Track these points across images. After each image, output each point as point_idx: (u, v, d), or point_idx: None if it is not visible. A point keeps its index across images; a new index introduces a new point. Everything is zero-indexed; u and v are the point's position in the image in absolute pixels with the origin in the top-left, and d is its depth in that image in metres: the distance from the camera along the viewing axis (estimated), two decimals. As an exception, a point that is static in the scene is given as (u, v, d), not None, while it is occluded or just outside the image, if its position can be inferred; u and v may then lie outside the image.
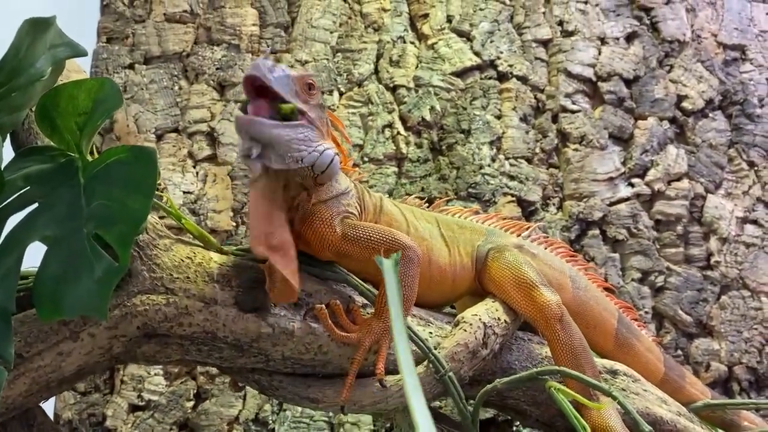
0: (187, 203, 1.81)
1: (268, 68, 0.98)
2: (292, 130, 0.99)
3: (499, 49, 1.95)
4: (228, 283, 1.03)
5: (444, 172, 1.85)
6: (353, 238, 1.05)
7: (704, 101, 1.97)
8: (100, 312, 0.80)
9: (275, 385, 1.06)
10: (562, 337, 1.12)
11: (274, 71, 0.98)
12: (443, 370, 1.05)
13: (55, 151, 0.96)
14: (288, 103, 0.98)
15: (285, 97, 0.98)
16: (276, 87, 0.98)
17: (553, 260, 1.28)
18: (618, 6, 2.01)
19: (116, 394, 1.71)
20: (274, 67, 0.99)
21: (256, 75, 0.97)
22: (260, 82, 0.97)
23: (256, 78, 0.97)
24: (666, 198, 1.88)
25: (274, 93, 0.98)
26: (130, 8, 1.95)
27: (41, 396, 0.95)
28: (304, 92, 1.01)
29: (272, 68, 0.98)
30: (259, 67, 0.97)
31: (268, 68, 0.98)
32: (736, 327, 1.83)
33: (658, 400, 1.22)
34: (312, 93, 1.02)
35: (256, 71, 0.97)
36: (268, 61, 0.99)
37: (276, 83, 0.98)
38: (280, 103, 0.98)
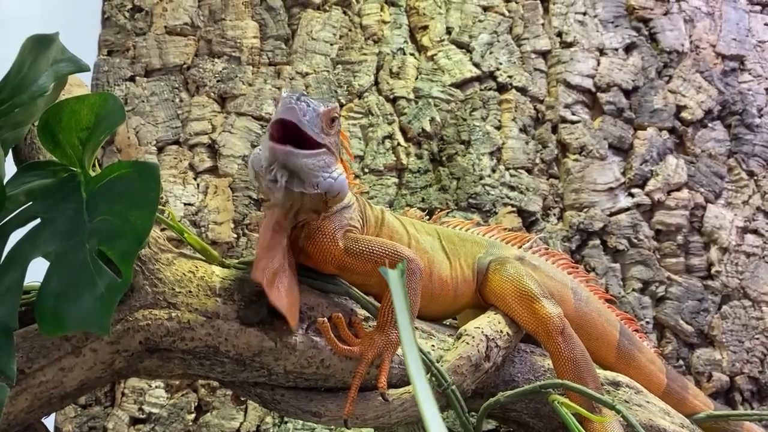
0: (188, 215, 1.81)
1: (302, 111, 0.97)
2: (316, 159, 1.00)
3: (499, 60, 1.95)
4: (230, 297, 1.02)
5: (444, 182, 1.85)
6: (355, 252, 1.05)
7: (703, 111, 1.98)
8: (102, 328, 0.80)
9: (277, 399, 1.06)
10: (564, 349, 1.11)
11: (306, 113, 0.98)
12: (446, 384, 1.05)
13: (58, 166, 0.96)
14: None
15: (313, 138, 0.99)
16: (308, 131, 0.98)
17: (554, 272, 1.28)
18: (616, 17, 2.02)
19: (117, 407, 1.70)
20: (306, 108, 0.98)
21: (291, 120, 0.97)
22: (293, 125, 0.97)
23: (289, 122, 0.97)
24: (666, 208, 1.89)
25: (303, 134, 0.98)
26: (131, 21, 1.96)
27: (43, 412, 0.95)
28: (328, 126, 1.02)
29: (305, 110, 0.98)
30: (294, 111, 0.97)
31: (302, 111, 0.97)
32: (737, 337, 1.82)
33: (661, 411, 1.22)
34: (333, 125, 1.03)
35: (291, 116, 0.97)
36: (301, 103, 0.98)
37: (309, 127, 0.98)
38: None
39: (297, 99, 0.98)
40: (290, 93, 0.99)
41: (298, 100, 0.98)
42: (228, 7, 1.95)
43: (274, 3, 1.97)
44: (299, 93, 1.00)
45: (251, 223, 1.82)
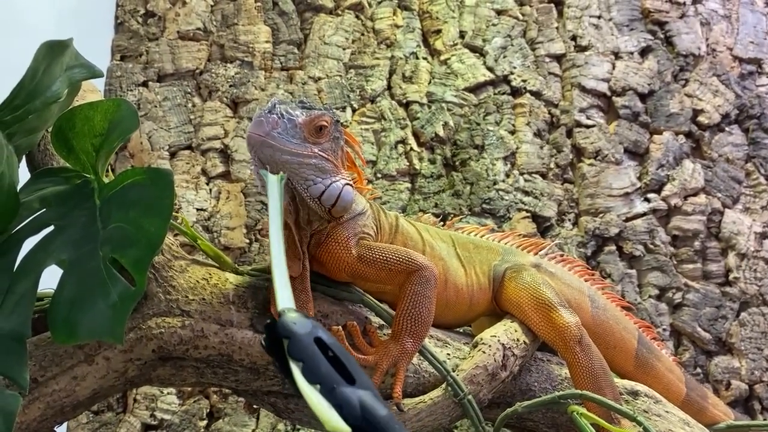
0: (201, 220, 1.81)
1: (272, 123, 0.95)
2: (302, 159, 0.98)
3: (513, 64, 1.94)
4: (244, 304, 1.02)
5: (458, 188, 1.83)
6: (369, 260, 1.04)
7: (720, 115, 1.95)
8: (115, 337, 0.79)
9: (291, 408, 1.05)
10: (581, 359, 1.10)
11: (279, 125, 0.95)
12: (462, 393, 1.03)
13: (71, 172, 0.96)
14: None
15: (291, 149, 0.96)
16: (279, 143, 0.95)
17: (571, 279, 1.27)
18: (631, 20, 2.00)
19: (129, 413, 1.69)
20: (278, 120, 0.95)
21: (258, 134, 0.95)
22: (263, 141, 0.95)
23: (257, 137, 0.95)
24: (683, 213, 1.86)
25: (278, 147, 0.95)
26: (144, 26, 1.96)
27: (55, 421, 0.94)
28: (313, 134, 0.99)
29: (276, 122, 0.95)
30: (262, 125, 0.95)
31: (271, 124, 0.95)
32: (756, 344, 1.80)
33: (681, 422, 1.20)
34: (322, 133, 1.00)
35: (258, 130, 0.95)
36: (272, 115, 0.95)
37: (282, 138, 0.95)
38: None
39: (269, 111, 0.96)
40: (267, 105, 0.97)
41: (269, 112, 0.95)
42: (240, 12, 1.95)
43: (287, 7, 1.96)
44: (276, 103, 0.97)
45: (263, 229, 1.81)
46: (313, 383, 0.59)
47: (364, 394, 0.59)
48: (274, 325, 0.63)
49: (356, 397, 0.58)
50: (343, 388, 0.59)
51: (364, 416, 0.58)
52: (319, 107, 1.02)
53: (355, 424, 0.57)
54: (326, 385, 0.59)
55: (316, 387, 0.59)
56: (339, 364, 0.61)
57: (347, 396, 0.58)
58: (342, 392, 0.59)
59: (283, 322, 0.63)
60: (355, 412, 0.58)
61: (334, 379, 0.59)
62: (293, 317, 0.63)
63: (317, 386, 0.59)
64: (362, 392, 0.59)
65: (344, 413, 0.57)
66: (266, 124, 0.95)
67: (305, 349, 0.61)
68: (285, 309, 0.64)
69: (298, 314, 0.64)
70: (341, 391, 0.59)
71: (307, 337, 0.62)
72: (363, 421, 0.58)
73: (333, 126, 1.02)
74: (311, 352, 0.61)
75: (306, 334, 0.62)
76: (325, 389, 0.59)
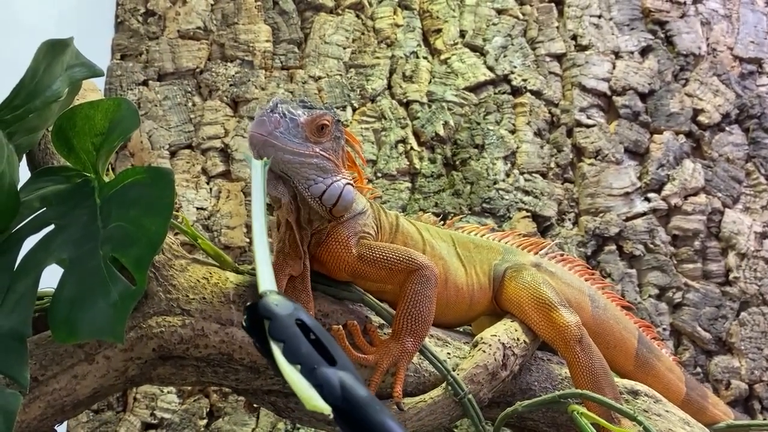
0: (201, 219, 1.81)
1: (275, 123, 0.95)
2: (303, 158, 0.98)
3: (513, 63, 1.94)
4: (244, 303, 1.01)
5: (458, 187, 1.83)
6: (369, 259, 1.04)
7: (721, 115, 1.95)
8: (116, 336, 0.79)
9: (291, 407, 1.05)
10: (582, 359, 1.10)
11: (281, 124, 0.95)
12: (462, 392, 1.03)
13: (72, 171, 0.96)
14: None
15: (292, 147, 0.97)
16: (281, 143, 0.96)
17: (571, 279, 1.27)
18: (632, 20, 2.00)
19: (129, 412, 1.70)
20: (281, 119, 0.95)
21: (261, 134, 0.95)
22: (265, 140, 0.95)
23: (260, 136, 0.95)
24: (683, 213, 1.86)
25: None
26: (144, 25, 1.96)
27: (56, 419, 0.94)
28: (315, 134, 0.99)
29: (278, 121, 0.95)
30: (265, 124, 0.95)
31: (274, 123, 0.95)
32: (756, 344, 1.80)
33: (681, 421, 1.20)
34: (324, 132, 1.01)
35: (261, 129, 0.95)
36: (275, 114, 0.95)
37: (284, 137, 0.95)
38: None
39: (271, 110, 0.96)
40: (269, 105, 0.97)
41: (271, 112, 0.95)
42: (241, 11, 1.95)
43: (287, 7, 1.96)
44: (277, 102, 0.97)
45: (264, 228, 1.81)
46: (293, 363, 0.59)
47: (344, 375, 0.59)
48: (256, 306, 0.63)
49: (337, 378, 0.58)
50: (324, 369, 0.59)
51: (345, 396, 0.58)
52: (320, 106, 1.02)
53: (336, 404, 0.57)
54: (307, 366, 0.59)
55: (296, 367, 0.59)
56: (320, 346, 0.61)
57: (328, 376, 0.58)
58: (322, 372, 0.58)
59: (264, 303, 0.63)
60: (336, 392, 0.58)
61: (314, 360, 0.59)
62: (275, 299, 0.63)
63: (298, 366, 0.59)
64: (343, 373, 0.59)
65: (324, 393, 0.57)
66: (268, 123, 0.95)
67: (286, 329, 0.61)
68: (267, 290, 0.64)
69: (280, 296, 0.64)
70: (322, 372, 0.59)
71: (288, 319, 0.62)
72: (343, 401, 0.57)
73: (334, 125, 1.02)
74: (292, 333, 0.61)
75: (287, 316, 0.62)
76: (305, 369, 0.59)
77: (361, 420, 0.57)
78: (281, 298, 0.64)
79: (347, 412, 0.57)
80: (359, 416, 0.57)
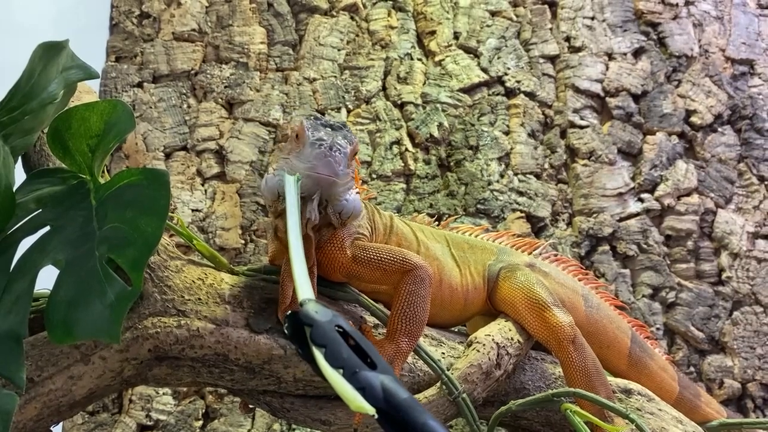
0: (196, 221, 1.81)
1: (338, 162, 0.95)
2: (344, 186, 0.99)
3: (507, 65, 1.95)
4: (239, 304, 1.02)
5: (452, 188, 1.84)
6: (364, 260, 1.04)
7: (713, 116, 1.97)
8: (112, 336, 0.79)
9: (287, 408, 1.05)
10: (575, 358, 1.10)
11: (341, 162, 0.95)
12: (456, 392, 1.04)
13: (67, 173, 0.96)
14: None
15: (345, 181, 0.98)
16: (341, 180, 0.97)
17: (565, 279, 1.27)
18: (625, 21, 2.01)
19: (125, 414, 1.70)
20: (340, 156, 0.95)
21: (330, 176, 0.95)
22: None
23: (329, 178, 0.95)
24: (676, 213, 1.87)
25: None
26: (139, 27, 1.96)
27: (52, 420, 0.95)
28: (351, 159, 1.00)
29: (339, 160, 0.95)
30: (332, 165, 0.94)
31: (338, 163, 0.95)
32: (749, 343, 1.81)
33: (674, 420, 1.21)
34: (354, 157, 1.02)
35: (329, 171, 0.94)
36: (336, 153, 0.95)
37: (342, 174, 0.96)
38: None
39: (330, 148, 0.95)
40: (325, 141, 0.95)
41: (332, 150, 0.94)
42: (235, 13, 1.96)
43: (282, 9, 1.97)
44: (330, 139, 0.96)
45: (259, 229, 1.81)
46: (336, 367, 0.60)
47: (385, 378, 0.60)
48: (297, 313, 0.65)
49: (378, 381, 0.60)
50: (365, 372, 0.60)
51: (386, 399, 0.59)
52: (340, 123, 1.02)
53: (378, 406, 0.58)
54: (349, 369, 0.60)
55: (339, 371, 0.60)
56: (360, 351, 0.62)
57: (369, 379, 0.60)
58: (364, 376, 0.60)
59: (305, 310, 0.65)
60: (378, 394, 0.59)
61: (356, 364, 0.61)
62: (314, 307, 0.65)
63: (340, 370, 0.60)
64: (384, 377, 0.60)
65: (367, 395, 0.59)
66: (334, 164, 0.95)
67: (327, 335, 0.63)
68: (306, 299, 0.66)
69: (319, 304, 0.66)
70: (363, 375, 0.60)
71: (329, 325, 0.63)
72: (385, 403, 0.59)
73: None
74: (333, 339, 0.62)
75: (327, 322, 0.64)
76: (347, 373, 0.60)
77: (403, 421, 0.58)
78: (320, 305, 0.66)
79: (390, 414, 0.59)
80: (401, 417, 0.59)
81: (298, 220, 0.80)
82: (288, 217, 0.79)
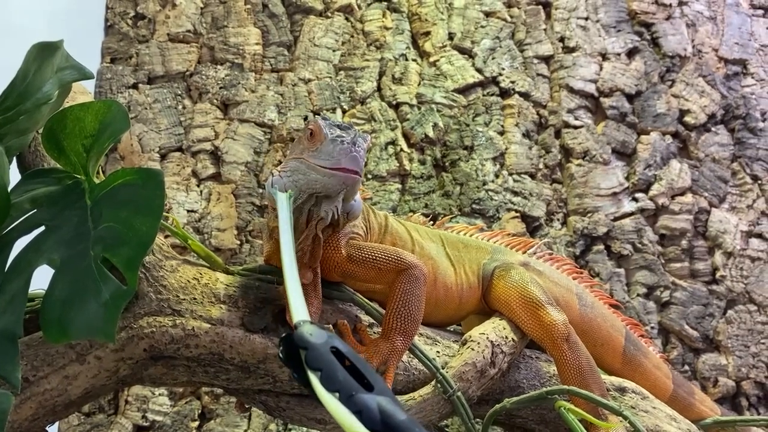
0: (192, 222, 1.81)
1: (362, 157, 0.95)
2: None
3: (501, 65, 1.96)
4: (234, 303, 1.02)
5: (447, 188, 1.85)
6: (358, 259, 1.05)
7: (706, 115, 1.98)
8: (107, 335, 0.80)
9: (282, 407, 1.05)
10: (569, 356, 1.11)
11: (363, 158, 0.95)
12: (451, 390, 1.04)
13: (62, 173, 0.96)
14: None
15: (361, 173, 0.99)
16: (361, 175, 0.97)
17: (559, 277, 1.28)
18: (619, 22, 2.02)
19: (121, 415, 1.70)
20: (362, 152, 0.95)
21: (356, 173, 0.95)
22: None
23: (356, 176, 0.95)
24: (670, 212, 1.88)
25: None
26: (134, 29, 1.96)
27: (47, 420, 0.95)
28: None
29: (363, 155, 0.95)
30: (357, 161, 0.94)
31: (362, 158, 0.95)
32: (743, 342, 1.82)
33: (668, 417, 1.21)
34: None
35: (356, 166, 0.94)
36: (359, 149, 0.94)
37: (362, 171, 0.97)
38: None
39: (353, 143, 0.94)
40: (347, 137, 0.95)
41: (355, 146, 0.94)
42: (230, 14, 1.96)
43: (277, 10, 1.97)
44: (349, 136, 0.95)
45: (254, 230, 1.81)
46: (332, 391, 0.60)
47: (382, 400, 0.60)
48: (291, 336, 0.64)
49: (375, 403, 0.59)
50: (362, 395, 0.60)
51: (384, 421, 0.58)
52: (346, 124, 1.02)
53: (375, 429, 0.58)
54: (345, 392, 0.60)
55: (335, 395, 0.60)
56: (356, 372, 0.62)
57: (366, 402, 0.59)
58: (361, 398, 0.59)
59: (299, 333, 0.64)
60: (375, 416, 0.58)
61: (352, 386, 0.60)
62: (309, 329, 0.65)
63: (336, 394, 0.60)
64: (381, 398, 0.60)
65: (364, 419, 0.58)
66: (359, 158, 0.95)
67: (322, 358, 0.62)
68: (300, 321, 0.66)
69: (314, 326, 0.65)
70: (360, 398, 0.59)
71: (324, 347, 0.63)
72: (383, 425, 0.58)
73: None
74: (328, 361, 0.62)
75: (322, 344, 0.63)
76: (344, 396, 0.60)
77: None
78: (315, 327, 0.65)
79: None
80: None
81: (291, 238, 0.79)
82: (281, 235, 0.78)
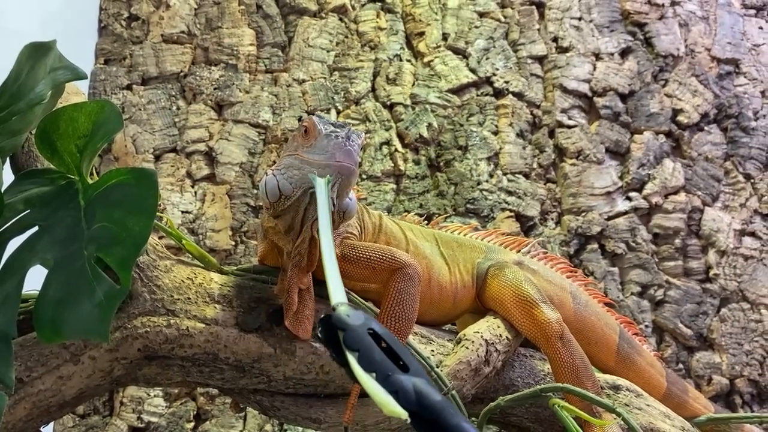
0: (186, 223, 1.81)
1: (357, 153, 0.95)
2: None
3: (495, 65, 1.96)
4: (229, 303, 1.02)
5: (442, 188, 1.85)
6: (353, 259, 1.05)
7: (699, 115, 1.98)
8: (101, 335, 0.80)
9: (277, 406, 1.06)
10: (563, 354, 1.11)
11: (358, 153, 0.96)
12: (446, 389, 1.04)
13: (55, 173, 0.96)
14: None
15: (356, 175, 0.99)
16: (357, 169, 0.97)
17: (553, 276, 1.28)
18: (612, 22, 2.03)
19: (116, 416, 1.69)
20: (357, 148, 0.96)
21: (351, 165, 0.95)
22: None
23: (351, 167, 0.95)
24: (664, 211, 1.89)
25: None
26: (128, 30, 1.96)
27: (42, 421, 0.95)
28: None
29: (357, 151, 0.95)
30: (352, 155, 0.94)
31: (357, 153, 0.95)
32: (736, 339, 1.83)
33: (662, 415, 1.22)
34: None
35: (351, 161, 0.94)
36: (353, 143, 0.95)
37: (357, 165, 0.97)
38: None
39: (347, 137, 0.94)
40: (341, 132, 0.95)
41: (349, 139, 0.94)
42: (224, 15, 1.96)
43: (271, 10, 1.97)
44: (346, 130, 0.95)
45: (249, 231, 1.81)
46: (369, 371, 0.61)
47: (418, 381, 0.60)
48: (330, 318, 0.65)
49: (411, 384, 0.60)
50: (398, 376, 0.60)
51: (419, 401, 0.59)
52: (341, 122, 1.03)
53: (411, 409, 0.59)
54: (381, 373, 0.61)
55: (372, 375, 0.61)
56: (392, 354, 0.63)
57: (402, 382, 0.60)
58: (397, 379, 0.60)
59: (337, 315, 0.65)
60: (411, 397, 0.59)
61: (389, 367, 0.61)
62: (346, 310, 0.66)
63: (373, 374, 0.61)
64: (416, 379, 0.61)
65: (400, 399, 0.59)
66: (354, 153, 0.95)
67: (360, 339, 0.63)
68: (338, 303, 0.67)
69: (350, 308, 0.66)
70: (396, 378, 0.60)
71: (361, 328, 0.64)
72: (418, 405, 0.59)
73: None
74: (366, 342, 0.63)
75: (360, 326, 0.64)
76: (380, 376, 0.60)
77: (436, 424, 0.59)
78: (352, 309, 0.66)
79: (423, 417, 0.59)
80: (435, 419, 0.59)
81: (329, 223, 0.79)
82: (320, 220, 0.79)
